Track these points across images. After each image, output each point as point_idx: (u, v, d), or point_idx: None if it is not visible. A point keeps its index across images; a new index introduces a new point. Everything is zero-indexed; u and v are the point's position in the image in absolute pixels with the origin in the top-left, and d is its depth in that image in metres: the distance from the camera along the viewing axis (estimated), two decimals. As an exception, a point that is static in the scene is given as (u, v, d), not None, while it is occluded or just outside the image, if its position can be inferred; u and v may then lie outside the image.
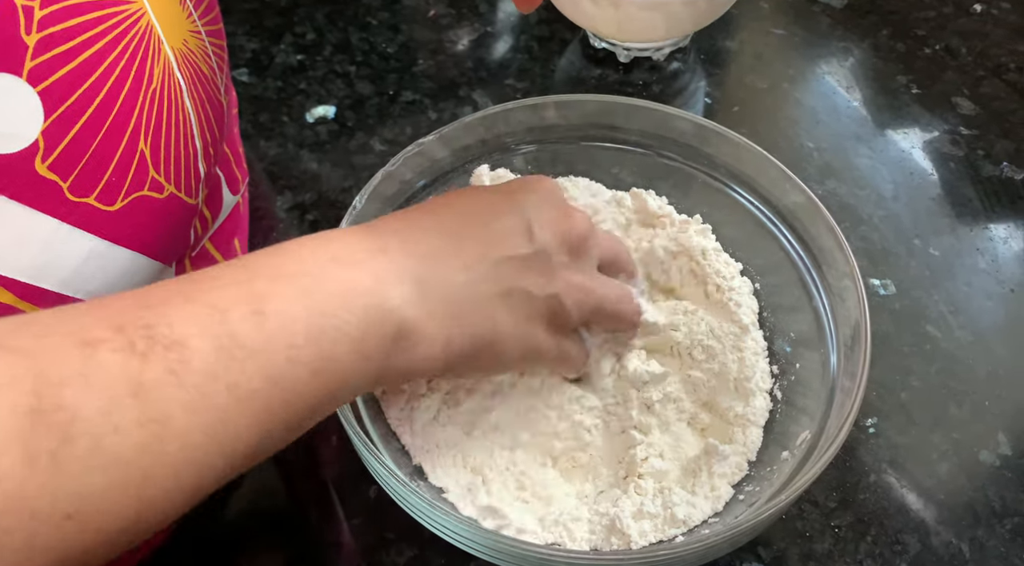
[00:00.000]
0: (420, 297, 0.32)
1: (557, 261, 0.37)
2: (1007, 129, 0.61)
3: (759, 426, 0.41)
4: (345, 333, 0.30)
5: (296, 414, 0.29)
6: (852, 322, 0.40)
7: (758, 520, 0.33)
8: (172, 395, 0.25)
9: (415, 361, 0.33)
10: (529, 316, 0.37)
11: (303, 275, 0.30)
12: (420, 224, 0.35)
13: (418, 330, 0.32)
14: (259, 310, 0.28)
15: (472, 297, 0.35)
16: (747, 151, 0.47)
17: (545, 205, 0.38)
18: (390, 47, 0.66)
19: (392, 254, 0.33)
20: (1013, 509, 0.43)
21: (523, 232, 0.37)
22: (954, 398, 0.47)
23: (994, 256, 0.54)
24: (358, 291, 0.31)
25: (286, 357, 0.28)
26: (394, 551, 0.42)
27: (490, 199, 0.38)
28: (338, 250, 0.32)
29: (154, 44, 0.33)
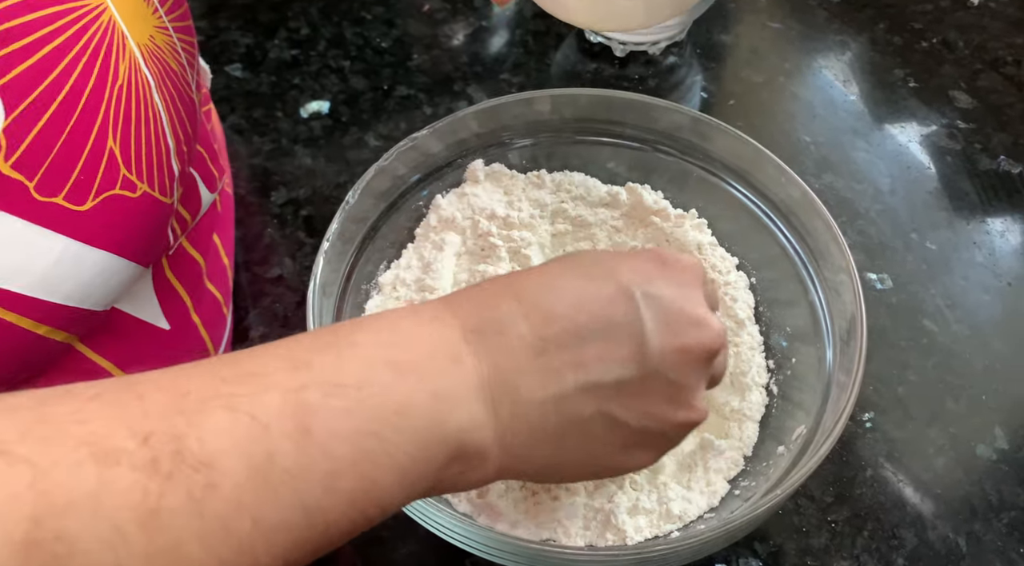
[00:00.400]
0: (486, 418, 0.28)
1: (672, 381, 0.31)
2: (1004, 122, 0.60)
3: (755, 421, 0.41)
4: (393, 459, 0.26)
5: (324, 543, 0.25)
6: (848, 316, 0.39)
7: (753, 515, 0.33)
8: (189, 525, 0.22)
9: (465, 483, 0.29)
10: (610, 443, 0.31)
11: (360, 386, 0.26)
12: (503, 318, 0.29)
13: (477, 456, 0.28)
14: (306, 428, 0.24)
15: (544, 422, 0.29)
16: (743, 145, 0.46)
17: (673, 308, 0.31)
18: (384, 42, 0.66)
19: (464, 366, 0.28)
20: (1010, 503, 0.43)
21: (633, 348, 0.30)
22: (951, 392, 0.47)
23: (991, 250, 0.53)
24: (417, 410, 0.26)
25: (324, 485, 0.24)
26: (389, 548, 0.42)
27: (600, 288, 0.31)
28: (404, 354, 0.27)
29: (118, 39, 0.32)
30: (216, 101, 0.57)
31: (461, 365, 0.28)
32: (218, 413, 0.24)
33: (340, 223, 0.41)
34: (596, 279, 0.31)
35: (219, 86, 0.62)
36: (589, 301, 0.30)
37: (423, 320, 0.29)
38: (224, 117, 0.60)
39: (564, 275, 0.31)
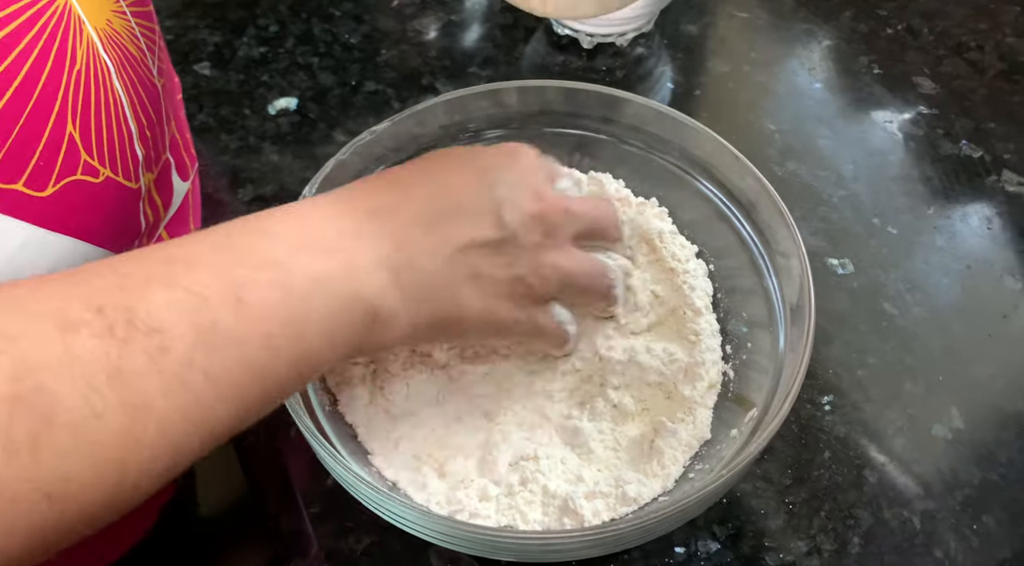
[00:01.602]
0: (392, 283, 0.34)
1: (526, 241, 0.38)
2: (967, 107, 0.61)
3: (708, 407, 0.42)
4: (319, 321, 0.31)
5: (269, 395, 0.30)
6: (797, 301, 0.40)
7: (699, 496, 0.34)
8: (151, 381, 0.26)
9: (385, 340, 0.34)
10: (493, 295, 0.38)
11: (280, 262, 0.30)
12: (394, 205, 0.36)
13: (389, 314, 0.34)
14: (239, 298, 0.28)
15: (439, 280, 0.36)
16: (703, 137, 0.47)
17: (519, 185, 0.39)
18: (353, 38, 0.66)
19: (366, 240, 0.34)
20: (964, 481, 0.44)
21: (492, 215, 0.37)
22: (910, 374, 0.48)
23: (952, 234, 0.54)
24: (333, 280, 0.31)
25: (262, 344, 0.29)
26: (352, 539, 0.42)
27: (463, 177, 0.38)
28: (314, 234, 0.33)
29: (75, 25, 0.33)
30: (184, 100, 0.57)
31: (364, 240, 0.34)
32: (159, 290, 0.27)
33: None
34: (459, 169, 0.39)
35: (187, 85, 0.62)
36: (456, 186, 0.38)
37: (325, 209, 0.34)
38: (192, 116, 0.60)
39: (433, 167, 0.39)
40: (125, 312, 0.26)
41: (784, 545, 0.42)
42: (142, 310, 0.26)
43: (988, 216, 0.55)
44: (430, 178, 0.38)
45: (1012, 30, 0.66)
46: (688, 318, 0.44)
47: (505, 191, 0.38)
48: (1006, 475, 0.44)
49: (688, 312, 0.44)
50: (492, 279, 0.37)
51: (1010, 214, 0.55)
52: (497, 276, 0.37)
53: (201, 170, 0.55)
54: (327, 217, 0.34)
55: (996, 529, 0.42)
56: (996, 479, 0.44)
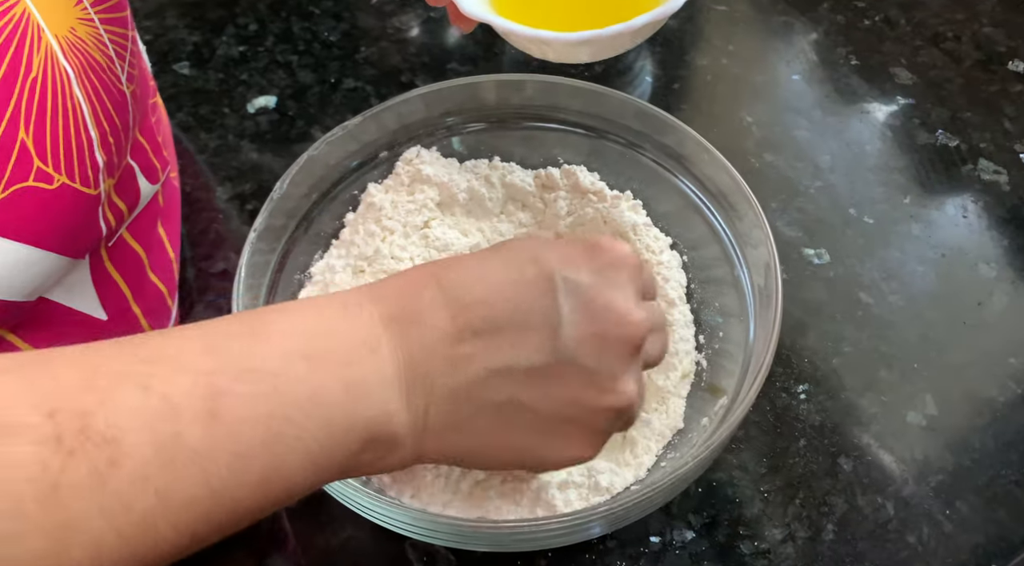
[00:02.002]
0: (399, 408, 0.29)
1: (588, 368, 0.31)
2: (943, 97, 0.61)
3: (681, 397, 0.42)
4: (303, 444, 0.27)
5: (231, 520, 0.26)
6: (764, 287, 0.40)
7: (666, 483, 0.34)
8: (90, 499, 0.23)
9: (378, 468, 0.30)
10: (525, 430, 0.31)
11: (272, 373, 0.27)
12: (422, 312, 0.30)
13: (388, 442, 0.29)
14: (212, 411, 0.25)
15: (459, 409, 0.30)
16: (678, 131, 0.47)
17: (596, 295, 0.31)
18: (332, 35, 0.66)
19: (380, 356, 0.29)
20: (937, 467, 0.44)
21: (547, 334, 0.30)
22: (884, 362, 0.48)
23: (927, 222, 0.54)
24: (330, 400, 0.27)
25: (232, 467, 0.25)
26: (329, 533, 0.43)
27: (524, 273, 0.31)
28: (321, 341, 0.28)
29: (32, 32, 0.32)
30: (164, 99, 0.57)
31: (377, 354, 0.29)
32: (128, 392, 0.24)
33: (268, 214, 0.41)
34: (520, 264, 0.31)
35: (167, 84, 0.62)
36: (509, 286, 0.30)
37: (345, 309, 0.30)
38: (172, 114, 0.60)
39: (490, 260, 0.32)
40: (80, 417, 0.23)
41: (759, 533, 0.42)
42: (101, 416, 0.23)
43: (964, 205, 0.55)
44: (479, 273, 0.31)
45: (988, 20, 0.66)
46: (662, 308, 0.44)
47: (574, 302, 0.31)
48: (979, 460, 0.44)
49: (662, 303, 0.44)
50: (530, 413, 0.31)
51: (985, 203, 0.55)
52: (539, 411, 0.31)
53: (180, 169, 0.55)
54: (342, 319, 0.29)
55: (970, 514, 0.42)
56: (969, 465, 0.44)
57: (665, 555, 0.41)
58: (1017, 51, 0.64)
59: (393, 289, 0.31)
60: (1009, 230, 0.53)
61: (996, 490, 0.43)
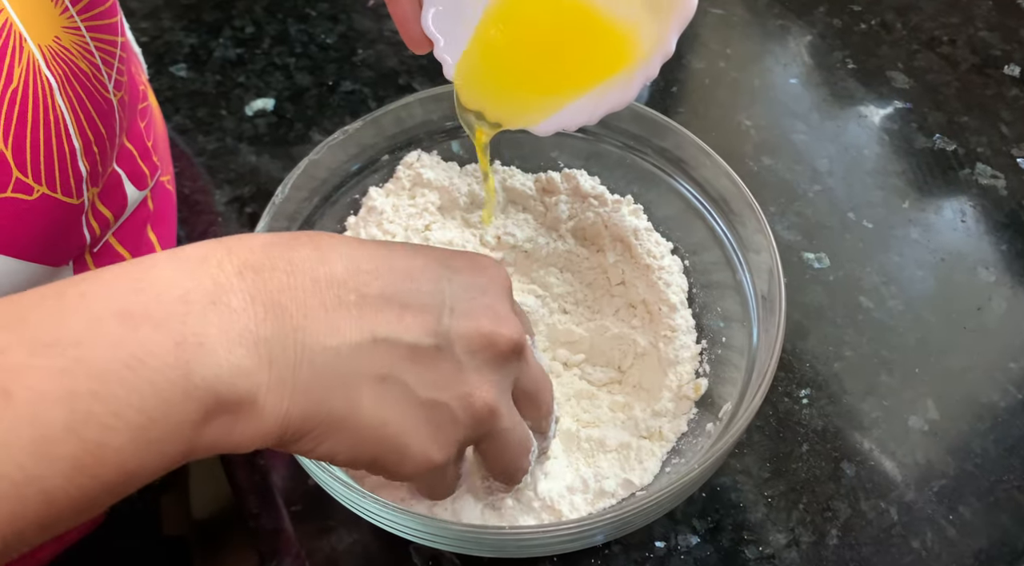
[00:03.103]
0: (255, 363, 0.26)
1: (465, 361, 0.31)
2: (939, 101, 0.61)
3: (686, 400, 0.42)
4: (122, 418, 0.23)
5: (52, 514, 0.23)
6: (768, 294, 0.40)
7: (673, 489, 0.34)
8: None
9: (236, 439, 0.26)
10: (401, 410, 0.29)
11: (77, 342, 0.23)
12: (295, 262, 0.28)
13: (246, 405, 0.26)
14: (6, 391, 0.22)
15: (334, 369, 0.28)
16: (678, 135, 0.47)
17: (476, 294, 0.32)
18: (329, 38, 0.66)
19: (229, 303, 0.26)
20: (940, 471, 0.44)
21: (431, 314, 0.30)
22: (885, 366, 0.48)
23: (926, 226, 0.55)
24: (151, 362, 0.24)
25: (34, 453, 0.22)
26: (334, 537, 0.42)
27: (412, 260, 0.31)
28: (146, 300, 0.25)
29: (14, 42, 0.32)
30: (160, 102, 0.57)
31: (223, 307, 0.26)
32: None
33: (269, 218, 0.41)
34: (409, 253, 0.31)
35: (163, 87, 0.62)
36: (398, 266, 0.30)
37: (185, 264, 0.26)
38: (168, 117, 0.60)
39: (377, 245, 0.31)
40: None
41: (763, 538, 0.42)
42: None
43: (962, 209, 0.55)
44: (369, 250, 0.30)
45: (984, 24, 0.67)
46: (664, 314, 0.44)
47: (457, 291, 0.31)
48: (981, 465, 0.44)
49: (663, 308, 0.44)
50: (408, 392, 0.29)
51: (983, 207, 0.55)
52: (415, 392, 0.30)
53: (178, 172, 0.55)
54: (181, 273, 0.26)
55: (972, 519, 0.43)
56: (971, 469, 0.44)
57: (670, 560, 0.41)
58: (1012, 55, 0.64)
59: (256, 240, 0.28)
60: (1007, 235, 0.54)
61: (998, 495, 0.43)
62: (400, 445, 0.30)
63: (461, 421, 0.31)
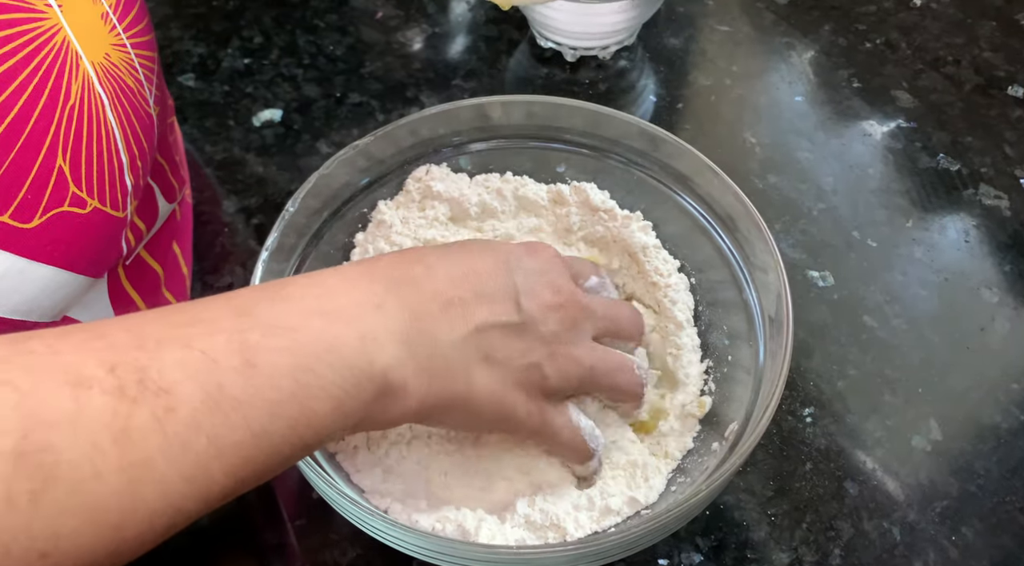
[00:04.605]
0: (406, 357, 0.33)
1: (544, 330, 0.38)
2: (944, 121, 0.62)
3: (691, 418, 0.42)
4: (328, 392, 0.30)
5: (270, 464, 0.29)
6: (776, 314, 0.40)
7: (680, 510, 0.34)
8: (154, 442, 0.26)
9: (392, 414, 0.34)
10: (506, 380, 0.37)
11: (294, 329, 0.30)
12: (416, 278, 0.36)
13: (400, 387, 0.33)
14: (249, 361, 0.28)
15: (453, 357, 0.35)
16: (684, 152, 0.47)
17: (538, 276, 0.39)
18: (338, 49, 0.66)
19: (385, 311, 0.33)
20: (943, 492, 0.44)
21: (511, 299, 0.37)
22: (889, 386, 0.48)
23: (930, 246, 0.55)
24: (346, 349, 0.31)
25: (269, 412, 0.28)
26: (337, 552, 0.42)
27: (484, 262, 0.38)
28: (333, 302, 0.32)
29: (71, 60, 0.33)
30: (168, 111, 0.57)
31: (383, 311, 0.33)
32: (174, 350, 0.27)
33: (280, 232, 0.41)
34: (481, 255, 0.39)
35: (171, 96, 0.62)
36: (477, 270, 0.38)
37: (348, 278, 0.34)
38: (176, 127, 0.60)
39: (458, 251, 0.39)
40: (137, 371, 0.26)
41: (766, 556, 0.42)
42: (154, 369, 0.26)
43: (966, 229, 0.56)
44: (453, 260, 0.38)
45: (988, 44, 0.67)
46: (670, 332, 0.44)
47: (524, 280, 0.38)
48: (984, 486, 0.45)
49: (670, 326, 0.45)
50: (506, 363, 0.37)
51: (987, 227, 0.56)
52: (512, 361, 0.37)
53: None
54: (348, 285, 0.34)
55: (975, 540, 0.43)
56: (974, 490, 0.44)
57: (673, 578, 0.42)
58: (1016, 76, 0.65)
59: (386, 265, 0.36)
60: (1011, 255, 0.54)
61: (1001, 516, 0.43)
62: (506, 406, 0.37)
63: (550, 375, 0.38)
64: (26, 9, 0.31)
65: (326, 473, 0.37)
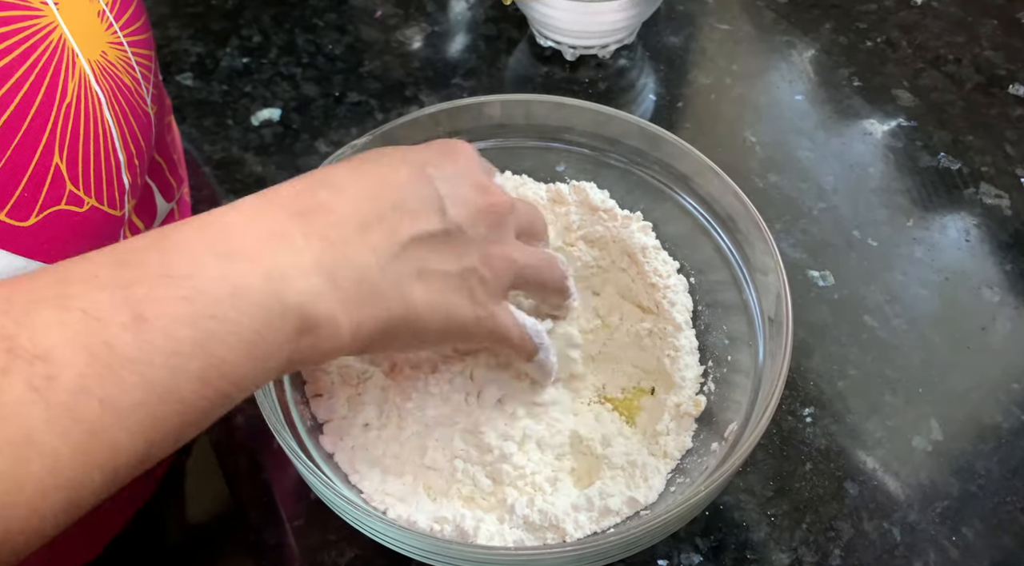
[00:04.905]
0: (327, 287, 0.31)
1: (473, 233, 0.36)
2: (944, 120, 0.62)
3: (690, 418, 0.42)
4: (237, 336, 0.28)
5: (184, 421, 0.27)
6: (775, 315, 0.40)
7: (680, 510, 0.34)
8: (34, 414, 0.24)
9: (322, 351, 0.31)
10: (445, 290, 0.36)
11: (189, 275, 0.28)
12: (324, 202, 0.33)
13: (325, 321, 0.31)
14: (140, 315, 0.26)
15: (383, 279, 0.33)
16: (684, 152, 0.47)
17: (460, 179, 0.37)
18: (336, 48, 0.66)
19: (293, 242, 0.31)
20: (943, 492, 0.44)
21: (435, 209, 0.35)
22: (889, 386, 0.48)
23: (930, 245, 0.55)
24: (251, 290, 0.28)
25: (169, 366, 0.26)
26: (335, 552, 0.42)
27: (400, 172, 0.36)
28: (232, 241, 0.29)
29: (68, 58, 0.33)
30: (166, 110, 0.57)
31: (290, 243, 0.31)
32: (47, 312, 0.25)
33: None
34: (395, 166, 0.36)
35: (170, 96, 0.62)
36: (393, 182, 0.35)
37: (247, 213, 0.31)
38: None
39: (368, 164, 0.36)
40: (6, 340, 0.24)
41: (766, 557, 0.42)
42: (24, 336, 0.24)
43: (966, 229, 0.55)
44: (365, 175, 0.35)
45: (989, 43, 0.67)
46: (668, 333, 0.44)
47: (446, 186, 0.36)
48: (984, 486, 0.44)
49: (668, 327, 0.44)
50: (442, 273, 0.35)
51: (987, 226, 0.55)
52: (447, 269, 0.35)
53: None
54: (247, 220, 0.31)
55: (975, 540, 0.43)
56: (975, 490, 0.44)
57: (672, 579, 0.41)
58: (1016, 75, 0.65)
59: (288, 192, 0.33)
60: (1011, 254, 0.54)
61: (1001, 517, 0.43)
62: (453, 316, 0.36)
63: (488, 276, 0.37)
64: (22, 7, 0.31)
65: (323, 474, 0.37)
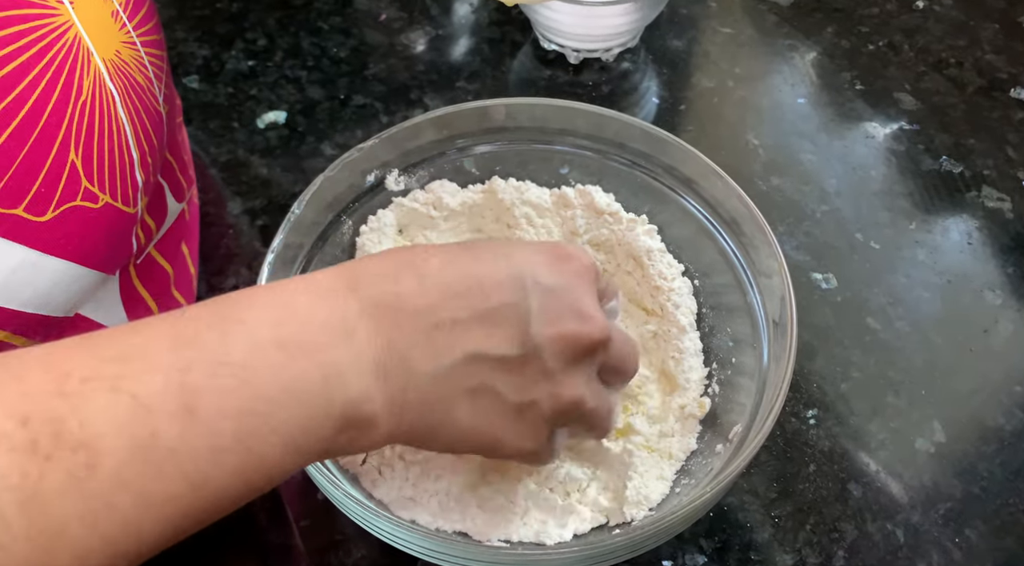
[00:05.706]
0: (376, 388, 0.29)
1: (550, 364, 0.33)
2: (946, 123, 0.62)
3: (695, 420, 0.42)
4: (280, 433, 0.27)
5: (212, 510, 0.26)
6: (780, 318, 0.40)
7: (684, 512, 0.34)
8: (70, 506, 0.23)
9: (358, 446, 0.30)
10: (494, 414, 0.33)
11: (245, 366, 0.27)
12: (403, 293, 0.31)
13: (366, 423, 0.30)
14: (189, 407, 0.25)
15: (434, 389, 0.31)
16: (688, 155, 0.47)
17: (561, 295, 0.33)
18: (341, 51, 0.66)
19: (358, 340, 0.29)
20: (946, 494, 0.44)
21: (518, 327, 0.32)
22: (892, 388, 0.48)
23: (933, 248, 0.55)
24: (306, 387, 0.27)
25: (210, 461, 0.25)
26: (342, 552, 0.43)
27: (497, 273, 0.33)
28: (295, 327, 0.28)
29: (83, 56, 0.33)
30: (172, 113, 0.57)
31: (353, 339, 0.29)
32: (100, 395, 0.24)
33: (285, 234, 0.42)
34: (493, 263, 0.33)
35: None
36: (483, 284, 0.32)
37: (319, 294, 0.30)
38: (181, 129, 0.60)
39: (464, 256, 0.33)
40: (54, 423, 0.23)
41: (770, 558, 0.42)
42: (74, 421, 0.23)
43: (968, 231, 0.56)
44: (458, 268, 0.32)
45: (990, 47, 0.67)
46: (672, 336, 0.45)
47: (542, 300, 0.33)
48: (987, 488, 0.45)
49: (672, 330, 0.45)
50: (499, 398, 0.32)
51: (990, 229, 0.56)
52: (506, 396, 0.32)
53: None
54: (316, 305, 0.29)
55: (978, 542, 0.43)
56: (978, 492, 0.45)
57: (677, 580, 0.42)
58: (1018, 78, 0.65)
59: (371, 274, 0.31)
60: (1014, 257, 0.54)
61: (1004, 518, 0.44)
62: (493, 441, 0.33)
63: (549, 416, 0.34)
64: (39, 5, 0.32)
65: (331, 473, 0.37)
